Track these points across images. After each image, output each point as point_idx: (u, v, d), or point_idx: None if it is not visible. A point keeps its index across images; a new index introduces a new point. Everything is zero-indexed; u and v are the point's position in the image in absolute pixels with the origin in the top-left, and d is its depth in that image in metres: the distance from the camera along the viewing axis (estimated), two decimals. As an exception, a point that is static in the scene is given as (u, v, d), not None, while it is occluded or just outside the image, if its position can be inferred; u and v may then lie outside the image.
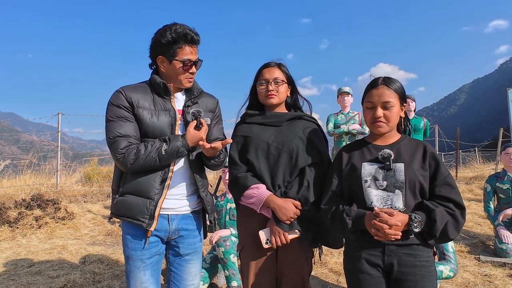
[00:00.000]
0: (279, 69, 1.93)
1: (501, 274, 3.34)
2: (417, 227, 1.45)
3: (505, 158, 4.04)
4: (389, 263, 1.53)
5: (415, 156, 1.59)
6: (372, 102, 1.62)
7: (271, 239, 1.76)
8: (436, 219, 1.45)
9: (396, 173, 1.55)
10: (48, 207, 5.23)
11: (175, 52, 1.69)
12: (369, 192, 1.57)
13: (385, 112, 1.60)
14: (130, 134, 1.65)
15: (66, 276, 3.33)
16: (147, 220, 1.66)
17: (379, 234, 1.46)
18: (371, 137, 1.72)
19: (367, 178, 1.59)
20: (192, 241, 1.83)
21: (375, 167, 1.59)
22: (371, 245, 1.54)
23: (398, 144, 1.64)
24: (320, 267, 3.60)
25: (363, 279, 1.56)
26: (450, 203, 1.51)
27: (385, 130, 1.63)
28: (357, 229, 1.55)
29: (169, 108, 1.73)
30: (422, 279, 1.51)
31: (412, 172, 1.54)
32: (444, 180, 1.55)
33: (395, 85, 1.63)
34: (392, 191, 1.54)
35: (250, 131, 1.92)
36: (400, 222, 1.44)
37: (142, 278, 1.71)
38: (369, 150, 1.67)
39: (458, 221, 1.50)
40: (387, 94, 1.60)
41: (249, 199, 1.81)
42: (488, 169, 10.81)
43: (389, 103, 1.59)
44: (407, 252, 1.52)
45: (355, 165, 1.64)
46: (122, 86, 1.72)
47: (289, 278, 1.83)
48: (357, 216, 1.55)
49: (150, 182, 1.68)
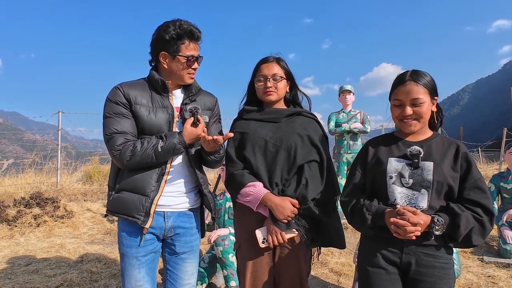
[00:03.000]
0: (278, 64, 1.88)
1: (505, 275, 3.29)
2: (439, 230, 1.39)
3: (509, 158, 3.99)
4: (407, 262, 1.48)
5: (446, 155, 1.51)
6: (400, 100, 1.53)
7: (268, 239, 1.71)
8: (460, 224, 1.38)
9: (424, 171, 1.48)
10: (47, 206, 5.21)
11: (179, 48, 1.68)
12: (393, 189, 1.51)
13: (414, 110, 1.51)
14: (127, 131, 1.64)
15: (63, 275, 3.30)
16: (142, 217, 1.64)
17: (398, 231, 1.40)
18: (401, 132, 1.63)
19: (393, 174, 1.52)
20: (189, 239, 1.80)
21: (402, 163, 1.52)
22: (390, 242, 1.49)
23: (429, 142, 1.56)
24: (321, 267, 3.55)
25: (378, 274, 1.51)
26: (479, 208, 1.43)
27: (416, 128, 1.54)
28: (376, 225, 1.50)
29: (167, 105, 1.72)
30: (441, 281, 1.45)
31: (441, 172, 1.46)
32: (474, 183, 1.47)
33: (424, 79, 1.52)
34: (418, 190, 1.48)
35: (247, 128, 1.88)
36: (422, 221, 1.39)
37: (137, 276, 1.69)
38: (397, 145, 1.59)
39: (485, 228, 1.42)
40: (415, 90, 1.50)
41: (245, 197, 1.76)
42: (492, 169, 10.71)
43: (419, 100, 1.49)
44: (426, 252, 1.46)
45: (381, 159, 1.57)
46: (120, 83, 1.71)
47: (287, 279, 1.79)
48: (378, 212, 1.49)
49: (146, 179, 1.66)
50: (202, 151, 1.75)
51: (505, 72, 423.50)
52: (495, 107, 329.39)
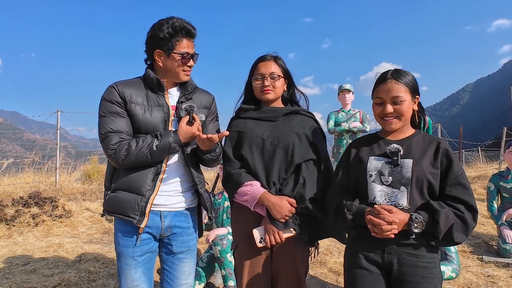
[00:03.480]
0: (275, 63, 1.87)
1: (504, 275, 3.27)
2: (418, 227, 1.38)
3: (509, 157, 3.97)
4: (389, 262, 1.48)
5: (426, 152, 1.51)
6: (381, 97, 1.55)
7: (265, 238, 1.70)
8: (439, 221, 1.37)
9: (403, 169, 1.48)
10: (46, 205, 5.19)
11: (173, 45, 1.67)
12: (373, 187, 1.52)
13: (395, 108, 1.53)
14: (122, 130, 1.63)
15: (61, 274, 3.28)
16: (137, 216, 1.63)
17: (375, 230, 1.40)
18: (383, 131, 1.64)
19: (372, 172, 1.53)
20: (186, 239, 1.79)
21: (382, 161, 1.54)
22: (372, 242, 1.48)
23: (410, 140, 1.57)
24: (319, 266, 3.54)
25: (360, 275, 1.51)
26: (461, 205, 1.43)
27: (397, 126, 1.56)
28: (358, 224, 1.50)
29: (163, 103, 1.70)
30: (424, 281, 1.44)
31: (421, 169, 1.46)
32: (456, 179, 1.46)
33: (405, 78, 1.54)
34: (397, 187, 1.48)
35: (244, 126, 1.86)
36: (398, 220, 1.38)
37: (134, 276, 1.68)
38: (378, 144, 1.60)
39: (467, 225, 1.41)
40: (396, 88, 1.52)
41: (242, 197, 1.75)
42: (491, 168, 10.71)
43: (399, 97, 1.51)
44: (408, 252, 1.46)
45: (361, 158, 1.59)
46: (116, 81, 1.70)
47: (284, 278, 1.78)
48: (358, 211, 1.49)
49: (142, 178, 1.65)
50: (198, 150, 1.73)
51: (505, 71, 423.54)
52: (495, 107, 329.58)
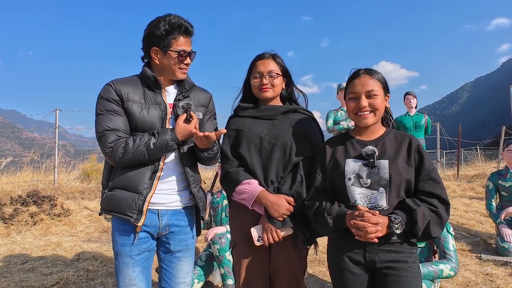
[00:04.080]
0: (273, 61, 1.86)
1: (502, 273, 3.28)
2: (398, 228, 1.41)
3: (508, 155, 3.98)
4: (371, 260, 1.50)
5: (400, 151, 1.54)
6: (355, 92, 1.57)
7: (263, 237, 1.70)
8: (417, 219, 1.41)
9: (380, 170, 1.50)
10: (44, 204, 5.18)
11: (170, 42, 1.66)
12: (352, 190, 1.53)
13: (370, 101, 1.55)
14: (119, 128, 1.62)
15: (59, 273, 3.28)
16: (135, 215, 1.63)
17: (359, 234, 1.42)
18: (355, 131, 1.66)
19: (351, 175, 1.54)
20: (184, 238, 1.78)
21: (359, 164, 1.55)
22: (353, 243, 1.50)
23: (382, 139, 1.59)
24: (318, 265, 3.54)
25: (346, 277, 1.53)
26: (434, 199, 1.47)
27: (371, 121, 1.57)
28: (339, 227, 1.52)
29: (160, 101, 1.70)
30: (405, 273, 1.47)
31: (397, 168, 1.49)
32: (428, 175, 1.50)
33: (378, 75, 1.59)
34: (376, 189, 1.50)
35: (242, 125, 1.85)
36: (381, 220, 1.41)
37: (131, 274, 1.68)
38: (353, 145, 1.61)
39: (441, 218, 1.45)
40: (371, 83, 1.55)
41: (240, 195, 1.74)
42: (490, 167, 10.73)
43: (373, 91, 1.54)
44: (388, 249, 1.48)
45: (338, 161, 1.59)
46: (113, 79, 1.69)
47: (282, 277, 1.77)
48: (339, 215, 1.51)
49: (139, 176, 1.64)
50: (195, 148, 1.73)
51: (504, 70, 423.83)
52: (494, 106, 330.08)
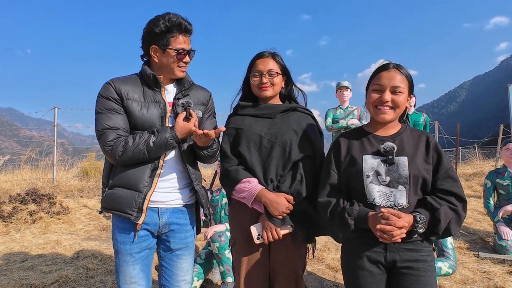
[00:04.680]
0: (273, 59, 1.86)
1: (500, 271, 3.30)
2: (422, 227, 1.40)
3: (505, 154, 3.99)
4: (392, 260, 1.48)
5: (418, 148, 1.50)
6: (381, 84, 1.50)
7: (263, 235, 1.70)
8: (440, 218, 1.40)
9: (400, 167, 1.46)
10: (43, 202, 5.18)
11: (169, 41, 1.66)
12: (371, 188, 1.48)
13: (393, 97, 1.49)
14: (119, 127, 1.63)
15: (59, 271, 3.28)
16: (135, 213, 1.63)
17: (384, 236, 1.37)
18: (371, 126, 1.61)
19: (369, 173, 1.49)
20: (184, 236, 1.79)
21: (377, 160, 1.49)
22: (373, 242, 1.47)
23: (400, 136, 1.54)
24: (317, 263, 3.56)
25: (363, 276, 1.49)
26: (452, 197, 1.45)
27: (390, 117, 1.52)
28: (359, 228, 1.48)
29: (159, 100, 1.70)
30: (425, 273, 1.46)
31: (416, 166, 1.46)
32: (446, 173, 1.48)
33: (406, 72, 1.53)
34: (395, 186, 1.46)
35: (242, 123, 1.86)
36: (407, 224, 1.37)
37: (132, 272, 1.68)
38: (369, 141, 1.56)
39: (460, 216, 1.44)
40: (399, 78, 1.50)
41: (240, 193, 1.75)
42: (488, 165, 10.76)
43: (399, 88, 1.49)
44: (408, 248, 1.47)
45: (355, 158, 1.53)
46: (112, 78, 1.69)
47: (282, 275, 1.78)
48: (360, 216, 1.46)
49: (139, 174, 1.65)
50: (195, 146, 1.73)
51: (502, 69, 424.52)
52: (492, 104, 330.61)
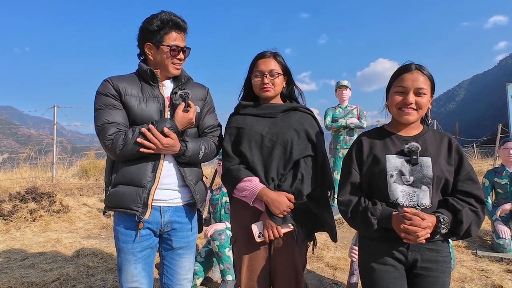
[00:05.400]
0: (275, 60, 1.87)
1: (498, 269, 3.33)
2: (445, 228, 1.40)
3: (503, 153, 4.02)
4: (413, 259, 1.48)
5: (440, 150, 1.51)
6: (405, 87, 1.49)
7: (264, 233, 1.72)
8: (463, 220, 1.41)
9: (424, 168, 1.47)
10: (43, 200, 5.18)
11: (162, 37, 1.70)
12: (395, 188, 1.48)
13: (417, 99, 1.49)
14: (119, 121, 1.64)
15: (60, 269, 3.30)
16: (140, 208, 1.63)
17: (409, 238, 1.37)
18: (393, 126, 1.60)
19: (393, 172, 1.48)
20: (185, 235, 1.80)
21: (401, 160, 1.50)
22: (396, 242, 1.46)
23: (423, 136, 1.54)
24: (316, 261, 3.58)
25: (386, 271, 1.49)
26: (472, 199, 1.46)
27: (413, 118, 1.52)
28: (381, 227, 1.47)
29: (157, 95, 1.72)
30: (444, 275, 1.48)
31: (439, 167, 1.46)
32: (467, 175, 1.49)
33: (428, 72, 1.52)
34: (418, 187, 1.46)
35: (243, 123, 1.87)
36: (431, 224, 1.38)
37: (133, 271, 1.69)
38: (392, 141, 1.55)
39: (480, 218, 1.45)
40: (422, 80, 1.49)
41: (241, 192, 1.76)
42: (486, 164, 10.80)
43: (423, 89, 1.48)
44: (430, 247, 1.48)
45: (378, 157, 1.52)
46: (110, 76, 1.71)
47: (283, 273, 1.80)
48: (383, 215, 1.45)
49: (141, 170, 1.65)
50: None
51: (501, 68, 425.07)
52: (490, 103, 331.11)
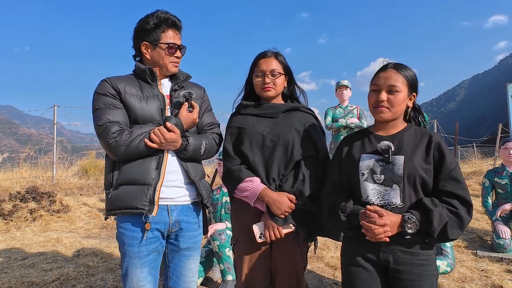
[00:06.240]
0: (276, 59, 1.87)
1: (498, 269, 3.32)
2: (411, 228, 1.36)
3: (504, 153, 4.01)
4: (385, 260, 1.46)
5: (418, 147, 1.48)
6: (378, 84, 1.52)
7: (265, 233, 1.72)
8: (432, 220, 1.35)
9: (395, 166, 1.45)
10: (43, 200, 5.18)
11: (159, 36, 1.69)
12: (365, 186, 1.49)
13: (389, 97, 1.49)
14: (120, 120, 1.59)
15: (60, 269, 3.29)
16: (147, 206, 1.56)
17: (368, 234, 1.40)
18: (374, 125, 1.62)
19: (365, 171, 1.50)
20: (193, 234, 1.75)
21: (373, 159, 1.50)
22: (367, 241, 1.45)
23: (401, 135, 1.53)
24: (317, 261, 3.58)
25: (358, 272, 1.50)
26: (455, 200, 1.41)
27: (387, 116, 1.51)
28: (353, 225, 1.48)
29: (157, 93, 1.70)
30: (420, 278, 1.42)
31: (412, 165, 1.43)
32: (449, 174, 1.43)
33: (406, 71, 1.52)
34: (389, 185, 1.45)
35: (245, 123, 1.87)
36: (389, 221, 1.37)
37: (139, 275, 1.61)
38: (370, 140, 1.57)
39: (462, 220, 1.39)
40: (395, 78, 1.50)
41: (243, 192, 1.76)
42: (486, 164, 10.79)
43: (395, 87, 1.48)
44: (403, 250, 1.44)
45: (353, 156, 1.56)
46: (107, 77, 1.68)
47: (283, 273, 1.80)
48: (353, 213, 1.48)
49: (145, 168, 1.60)
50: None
51: (501, 67, 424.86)
52: (491, 103, 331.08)
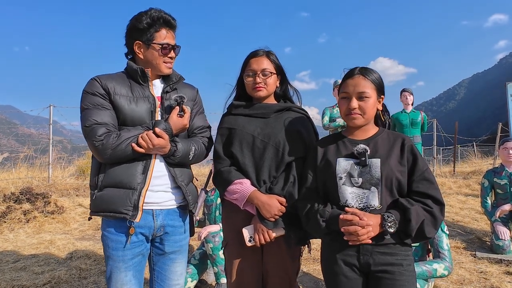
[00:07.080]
0: (267, 58, 1.81)
1: (497, 271, 3.28)
2: (392, 226, 1.39)
3: (503, 153, 3.97)
4: (365, 263, 1.47)
5: (392, 150, 1.51)
6: (347, 92, 1.54)
7: (255, 237, 1.67)
8: (410, 218, 1.40)
9: (372, 169, 1.48)
10: (38, 201, 5.13)
11: (153, 35, 1.63)
12: (344, 190, 1.50)
13: (360, 103, 1.52)
14: (108, 122, 1.55)
15: (51, 272, 3.25)
16: (130, 211, 1.54)
17: (351, 238, 1.41)
18: (347, 130, 1.64)
19: (342, 174, 1.51)
20: (178, 238, 1.73)
21: (350, 163, 1.52)
22: (347, 245, 1.47)
23: (375, 138, 1.56)
24: (313, 263, 3.53)
25: (339, 281, 1.50)
26: (428, 199, 1.45)
27: (360, 122, 1.55)
28: (332, 230, 1.49)
29: (148, 95, 1.65)
30: (400, 277, 1.44)
31: (389, 168, 1.47)
32: (422, 175, 1.48)
33: (372, 75, 1.55)
34: (367, 188, 1.47)
35: (235, 123, 1.82)
36: (372, 222, 1.40)
37: (124, 279, 1.60)
38: (344, 144, 1.59)
39: (436, 218, 1.44)
40: (363, 84, 1.52)
41: (232, 195, 1.71)
42: (486, 164, 10.76)
43: (365, 93, 1.51)
44: (382, 251, 1.46)
45: (329, 160, 1.56)
46: (98, 75, 1.63)
47: (275, 278, 1.76)
48: (331, 217, 1.48)
49: (131, 171, 1.57)
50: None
51: (501, 67, 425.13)
52: (491, 102, 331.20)
